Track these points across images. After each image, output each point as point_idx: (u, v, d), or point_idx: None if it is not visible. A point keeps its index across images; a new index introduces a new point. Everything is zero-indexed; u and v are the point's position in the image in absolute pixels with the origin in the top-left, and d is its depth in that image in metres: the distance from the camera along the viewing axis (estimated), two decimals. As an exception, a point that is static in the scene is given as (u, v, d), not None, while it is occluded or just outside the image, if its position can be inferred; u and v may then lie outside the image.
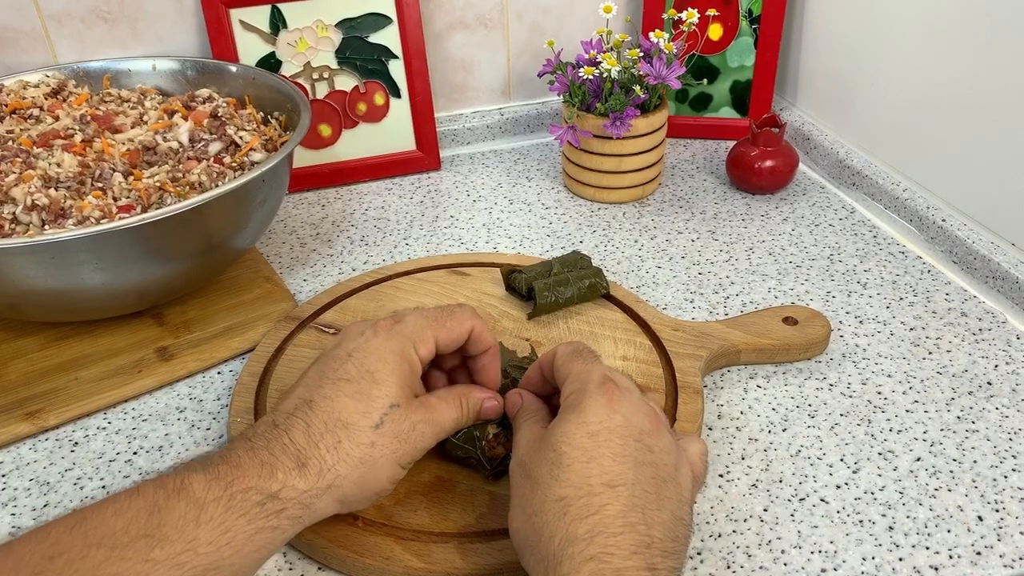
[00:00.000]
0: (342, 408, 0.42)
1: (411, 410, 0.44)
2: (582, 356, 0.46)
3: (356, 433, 0.42)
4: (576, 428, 0.40)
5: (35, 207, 0.57)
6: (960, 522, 0.49)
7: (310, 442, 0.41)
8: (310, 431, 0.41)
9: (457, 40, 0.92)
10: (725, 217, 0.80)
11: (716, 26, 0.90)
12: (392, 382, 0.44)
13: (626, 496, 0.38)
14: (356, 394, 0.43)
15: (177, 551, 0.35)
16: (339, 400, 0.42)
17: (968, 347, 0.63)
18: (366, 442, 0.42)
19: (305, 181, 0.86)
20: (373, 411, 0.42)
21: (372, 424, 0.42)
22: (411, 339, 0.46)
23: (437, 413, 0.45)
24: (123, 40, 0.81)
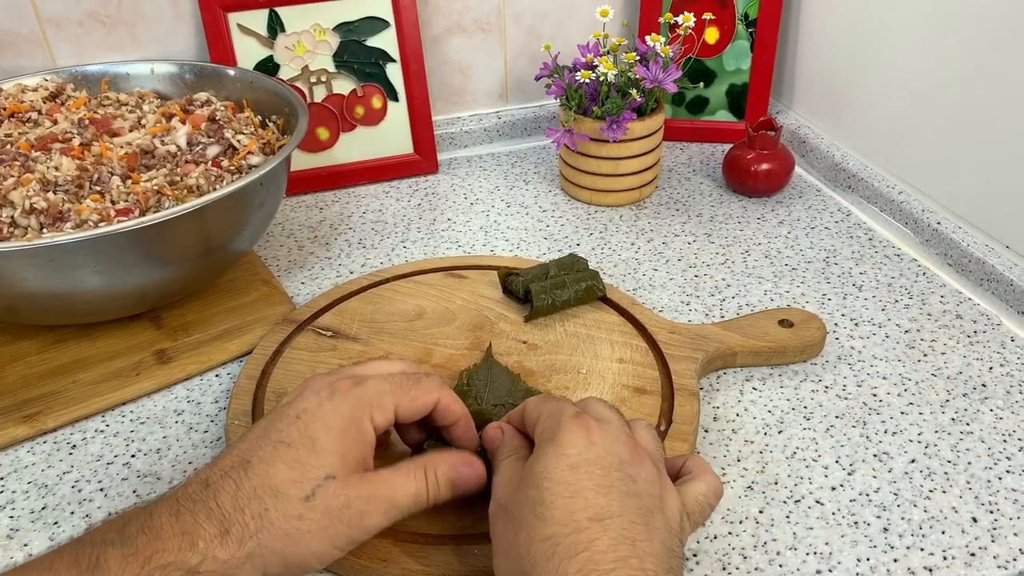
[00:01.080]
0: (275, 474, 0.39)
1: (350, 485, 0.40)
2: (551, 399, 0.45)
3: (284, 503, 0.39)
4: (555, 461, 0.39)
5: (33, 211, 0.57)
6: (954, 523, 0.49)
7: (236, 507, 0.38)
8: (238, 495, 0.39)
9: (455, 44, 0.92)
10: (721, 220, 0.81)
11: (712, 30, 0.90)
12: (333, 452, 0.40)
13: (614, 529, 0.37)
14: (292, 461, 0.40)
15: None
16: (274, 465, 0.40)
17: (963, 349, 0.63)
18: (294, 514, 0.39)
19: (303, 184, 0.87)
20: (305, 481, 0.39)
21: (302, 496, 0.39)
22: (367, 404, 0.43)
23: (386, 488, 0.41)
24: (121, 44, 0.82)
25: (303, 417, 0.41)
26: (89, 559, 0.35)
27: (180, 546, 0.37)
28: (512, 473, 0.42)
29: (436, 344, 0.62)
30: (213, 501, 0.38)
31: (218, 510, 0.38)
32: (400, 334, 0.63)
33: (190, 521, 0.38)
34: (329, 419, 0.41)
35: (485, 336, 0.62)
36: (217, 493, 0.39)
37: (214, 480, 0.39)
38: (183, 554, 0.36)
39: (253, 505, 0.38)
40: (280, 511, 0.39)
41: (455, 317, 0.64)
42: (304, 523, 0.39)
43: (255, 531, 0.38)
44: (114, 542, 0.36)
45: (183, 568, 0.36)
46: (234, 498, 0.39)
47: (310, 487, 0.39)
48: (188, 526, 0.37)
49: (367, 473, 0.42)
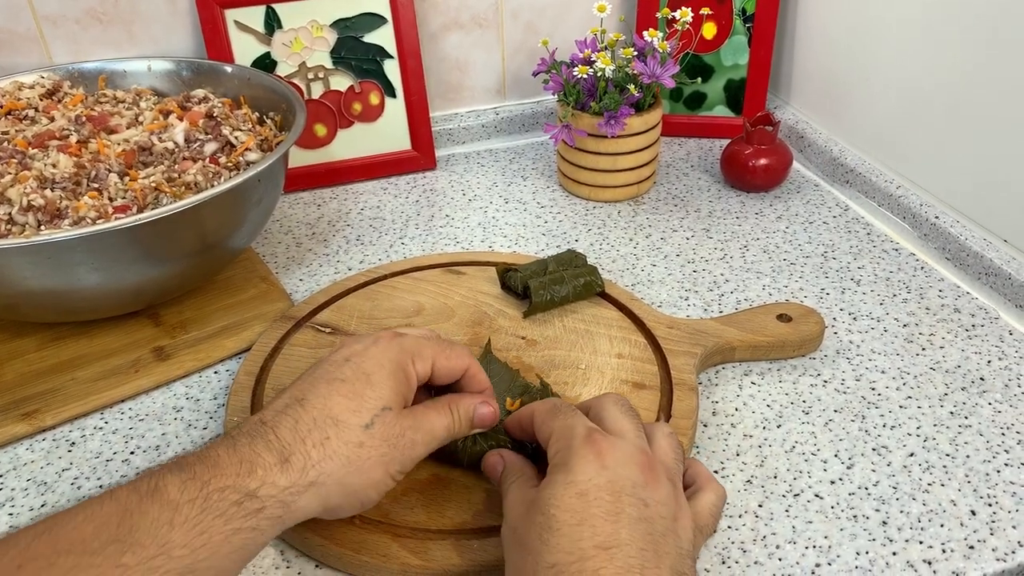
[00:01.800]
0: (334, 405, 0.41)
1: (402, 416, 0.43)
2: (561, 412, 0.44)
3: (345, 431, 0.41)
4: (564, 489, 0.39)
5: (31, 208, 0.57)
6: (953, 516, 0.49)
7: (296, 438, 0.40)
8: (298, 427, 0.40)
9: (452, 40, 0.92)
10: (719, 215, 0.81)
11: (710, 25, 0.90)
12: (387, 386, 0.43)
13: (621, 558, 0.36)
14: (349, 393, 0.42)
15: (149, 555, 0.34)
16: (332, 398, 0.42)
17: (961, 343, 0.63)
18: (355, 441, 0.41)
19: (301, 181, 0.87)
20: (364, 411, 0.42)
21: (363, 423, 0.41)
22: (410, 352, 0.45)
23: (426, 421, 0.44)
24: (118, 41, 0.82)
25: (353, 359, 0.44)
26: (148, 485, 0.37)
27: (238, 472, 0.38)
28: (521, 496, 0.42)
29: (435, 340, 0.62)
30: (272, 434, 0.40)
31: (277, 442, 0.40)
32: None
33: (248, 452, 0.39)
34: (380, 359, 0.44)
35: (484, 332, 0.62)
36: (276, 427, 0.40)
37: (269, 418, 0.41)
38: (241, 479, 0.38)
39: (314, 434, 0.40)
40: (342, 439, 0.40)
41: (454, 313, 0.64)
42: (365, 450, 0.41)
43: (317, 460, 0.40)
44: (173, 469, 0.37)
45: (242, 491, 0.37)
46: (294, 430, 0.40)
47: (369, 416, 0.42)
48: (246, 455, 0.39)
49: (410, 408, 0.44)
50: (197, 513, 0.36)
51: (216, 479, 0.37)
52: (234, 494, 0.37)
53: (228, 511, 0.37)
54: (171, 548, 0.35)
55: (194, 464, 0.38)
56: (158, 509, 0.36)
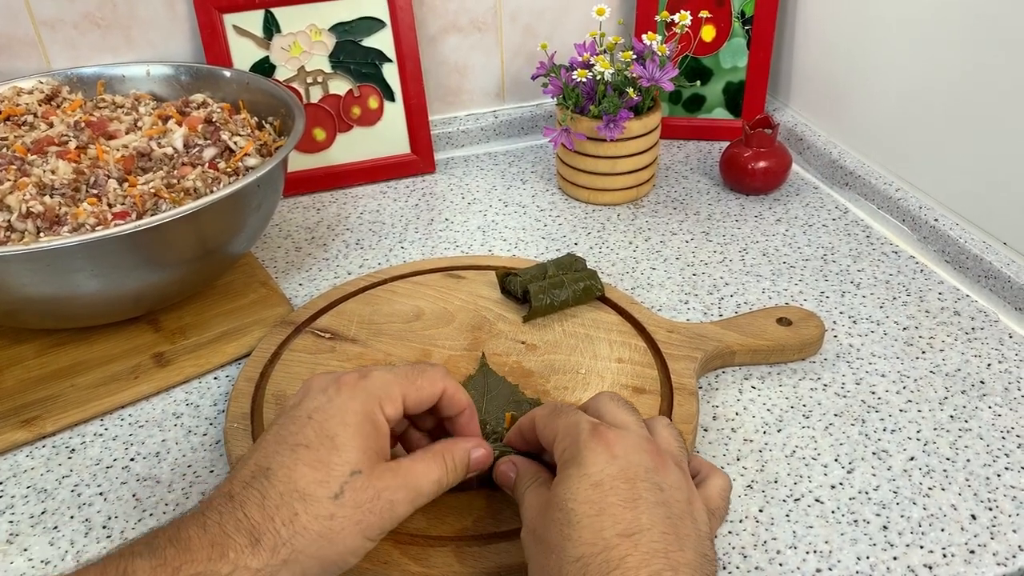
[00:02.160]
0: (299, 477, 0.39)
1: (375, 477, 0.40)
2: (563, 412, 0.44)
3: (314, 505, 0.38)
4: (579, 482, 0.39)
5: (30, 214, 0.57)
6: (954, 521, 0.49)
7: (265, 516, 0.38)
8: (265, 504, 0.38)
9: (451, 43, 0.92)
10: (719, 218, 0.81)
11: (709, 27, 0.90)
12: (353, 447, 0.40)
13: (645, 543, 0.36)
14: (314, 462, 0.39)
15: None
16: (296, 469, 0.39)
17: (961, 346, 0.63)
18: (325, 514, 0.39)
19: (300, 185, 0.87)
20: (332, 480, 0.39)
21: (331, 495, 0.39)
22: (376, 397, 0.42)
23: (411, 477, 0.42)
24: (116, 46, 0.82)
25: (315, 416, 0.41)
26: (116, 570, 0.35)
27: (210, 556, 0.36)
28: (537, 499, 0.42)
29: (435, 345, 0.62)
30: (240, 512, 0.38)
31: (246, 520, 0.38)
32: (398, 335, 0.63)
33: (218, 533, 0.37)
34: (343, 414, 0.41)
35: (484, 336, 0.62)
36: (244, 504, 0.38)
37: (237, 492, 0.39)
38: (213, 564, 0.36)
39: (282, 512, 0.38)
40: (311, 513, 0.38)
41: (453, 318, 0.64)
42: (336, 522, 0.39)
43: (288, 537, 0.38)
44: (142, 553, 0.36)
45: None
46: (261, 507, 0.38)
47: (338, 485, 0.39)
48: (217, 538, 0.37)
49: (390, 463, 0.42)
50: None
51: (187, 565, 0.36)
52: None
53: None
54: None
55: (165, 547, 0.36)
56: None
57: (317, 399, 0.42)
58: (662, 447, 0.43)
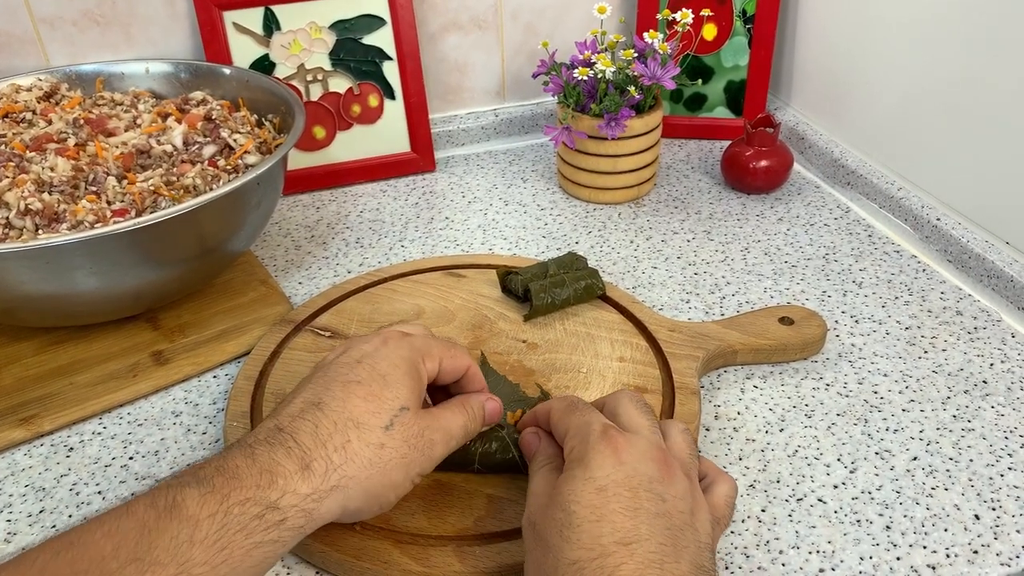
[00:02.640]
0: (353, 408, 0.41)
1: (420, 416, 0.43)
2: (578, 408, 0.45)
3: (366, 432, 0.41)
4: (583, 484, 0.39)
5: (29, 212, 0.57)
6: (957, 521, 0.49)
7: (317, 442, 0.40)
8: (318, 431, 0.40)
9: (451, 41, 0.92)
10: (720, 217, 0.80)
11: (710, 26, 0.90)
12: (404, 385, 0.43)
13: (641, 553, 0.36)
14: (367, 395, 0.42)
15: (169, 574, 0.34)
16: (350, 400, 0.41)
17: (963, 346, 0.63)
18: (376, 443, 0.41)
19: (299, 183, 0.86)
20: (384, 411, 0.42)
21: (383, 424, 0.41)
22: (421, 351, 0.46)
23: (443, 420, 0.45)
24: (116, 43, 0.81)
25: (365, 360, 0.44)
26: (166, 500, 0.36)
27: (258, 484, 0.37)
28: (545, 486, 0.42)
29: (435, 344, 0.61)
30: (292, 440, 0.39)
31: (297, 448, 0.39)
32: (399, 334, 0.62)
33: (267, 460, 0.38)
34: (394, 359, 0.44)
35: (484, 335, 0.62)
36: (295, 433, 0.40)
37: (286, 424, 0.40)
38: (262, 491, 0.37)
39: (336, 438, 0.40)
40: (363, 440, 0.40)
41: (454, 316, 0.64)
42: (386, 451, 0.41)
43: (339, 463, 0.39)
44: (190, 483, 0.37)
45: (263, 504, 0.37)
46: (314, 435, 0.40)
47: (388, 417, 0.42)
48: (266, 465, 0.38)
49: (428, 410, 0.45)
50: (217, 529, 0.36)
51: (236, 492, 0.37)
52: (255, 507, 0.37)
53: (249, 525, 0.36)
54: (191, 566, 0.34)
55: (212, 476, 0.37)
56: (177, 526, 0.35)
57: (364, 348, 0.45)
58: (672, 454, 0.43)
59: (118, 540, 0.34)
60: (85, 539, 0.34)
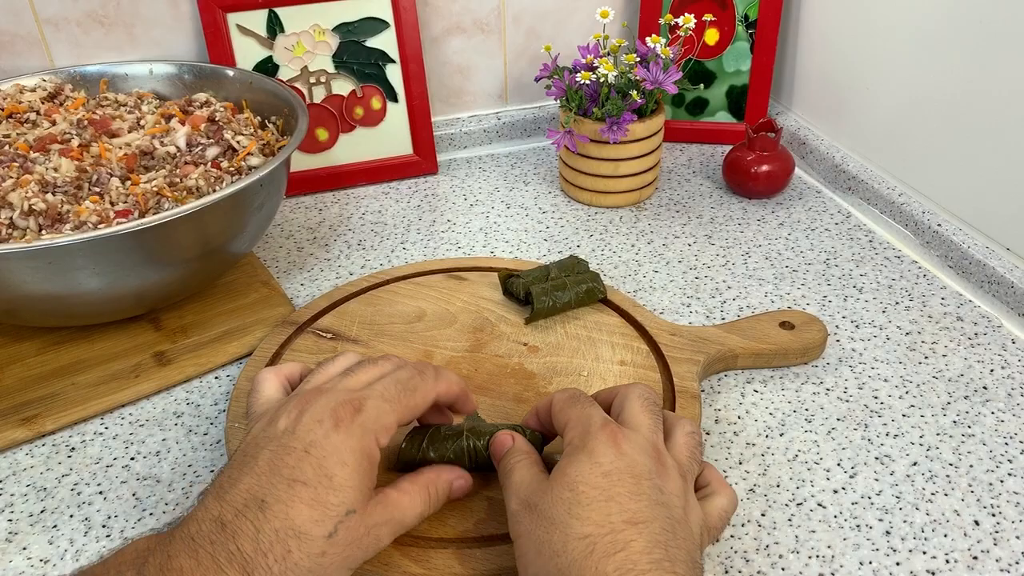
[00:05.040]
0: (296, 515, 0.39)
1: (367, 514, 0.41)
2: (579, 401, 0.46)
3: (308, 543, 0.39)
4: (590, 468, 0.41)
5: (32, 212, 0.57)
6: (957, 527, 0.49)
7: (258, 552, 0.38)
8: (259, 538, 0.38)
9: (454, 44, 0.92)
10: (722, 221, 0.81)
11: (712, 31, 0.90)
12: (350, 487, 0.41)
13: (648, 533, 0.38)
14: (312, 501, 0.40)
15: None
16: (294, 506, 0.39)
17: (964, 351, 0.63)
18: (317, 552, 0.39)
19: (302, 185, 0.86)
20: (327, 519, 0.40)
21: (325, 534, 0.39)
22: (373, 432, 0.43)
23: (398, 510, 0.43)
24: (120, 44, 0.81)
25: (312, 452, 0.41)
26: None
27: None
28: (531, 475, 0.43)
29: (436, 346, 0.61)
30: (233, 544, 0.38)
31: (239, 554, 0.38)
32: (400, 336, 0.62)
33: (211, 566, 0.37)
34: (341, 453, 0.41)
35: (485, 338, 0.62)
36: (236, 535, 0.38)
37: (229, 520, 0.39)
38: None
39: (276, 549, 0.38)
40: (304, 551, 0.39)
41: (455, 319, 0.64)
42: (327, 558, 0.39)
43: (279, 574, 0.38)
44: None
45: None
46: (255, 541, 0.38)
47: (332, 525, 0.40)
48: (209, 571, 0.37)
49: (377, 496, 0.43)
50: None
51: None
52: None
53: None
54: None
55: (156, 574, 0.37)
56: None
57: (314, 432, 0.42)
58: (672, 454, 0.44)
59: None
60: None
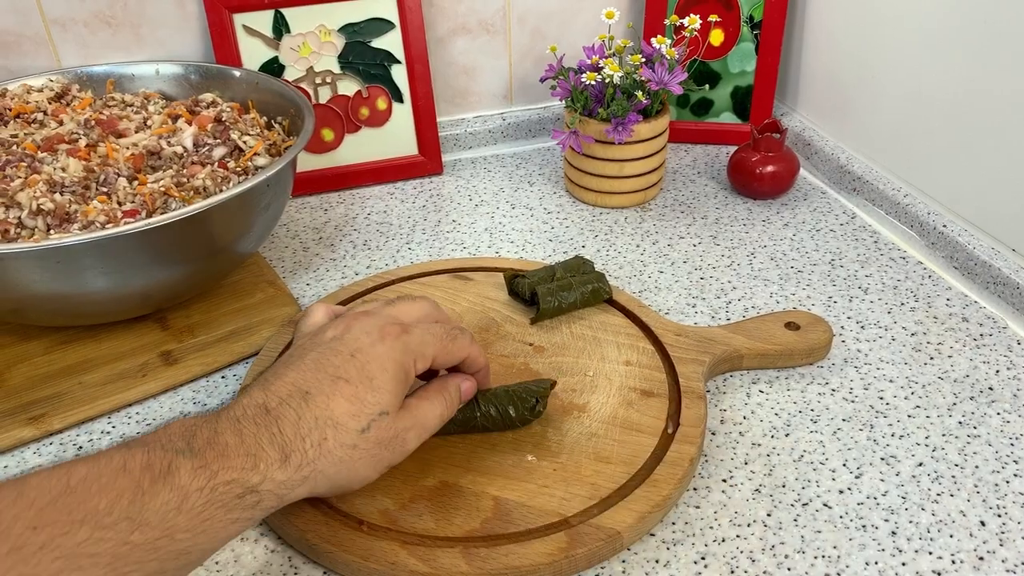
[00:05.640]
0: (335, 407, 0.43)
1: (398, 419, 0.46)
2: None
3: (343, 434, 0.43)
4: None
5: (40, 212, 0.57)
6: (962, 527, 0.49)
7: (297, 435, 0.42)
8: (300, 424, 0.42)
9: (459, 45, 0.92)
10: (727, 222, 0.81)
11: (717, 31, 0.90)
12: (387, 391, 0.45)
13: None
14: (352, 396, 0.44)
15: (155, 536, 0.36)
16: (334, 399, 0.44)
17: (969, 352, 0.63)
18: (349, 443, 0.43)
19: (308, 185, 0.87)
20: (363, 415, 0.44)
21: (359, 428, 0.44)
22: (413, 353, 0.47)
23: (422, 414, 0.47)
24: (127, 45, 0.82)
25: (358, 356, 0.45)
26: (161, 464, 0.38)
27: (244, 466, 0.40)
28: None
29: (442, 346, 0.62)
30: (276, 427, 0.42)
31: (280, 436, 0.42)
32: (406, 336, 0.62)
33: (253, 444, 0.41)
34: (383, 361, 0.45)
35: (491, 338, 0.62)
36: (279, 420, 0.42)
37: (273, 406, 0.43)
38: (246, 474, 0.40)
39: (314, 435, 0.42)
40: (338, 440, 0.43)
41: (461, 319, 0.64)
42: (357, 452, 0.44)
43: (313, 458, 0.42)
44: (184, 452, 0.39)
45: (245, 486, 0.40)
46: (296, 426, 0.42)
47: (367, 421, 0.44)
48: (252, 448, 0.41)
49: (406, 403, 0.47)
50: (203, 503, 0.38)
51: (223, 471, 0.39)
52: (238, 488, 0.40)
53: (230, 503, 0.39)
54: (175, 531, 0.37)
55: (204, 449, 0.40)
56: (168, 493, 0.37)
57: (361, 340, 0.46)
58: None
59: (113, 497, 0.36)
60: (81, 490, 0.36)
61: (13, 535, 0.33)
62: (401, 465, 0.51)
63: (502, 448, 0.53)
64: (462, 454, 0.52)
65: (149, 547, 0.36)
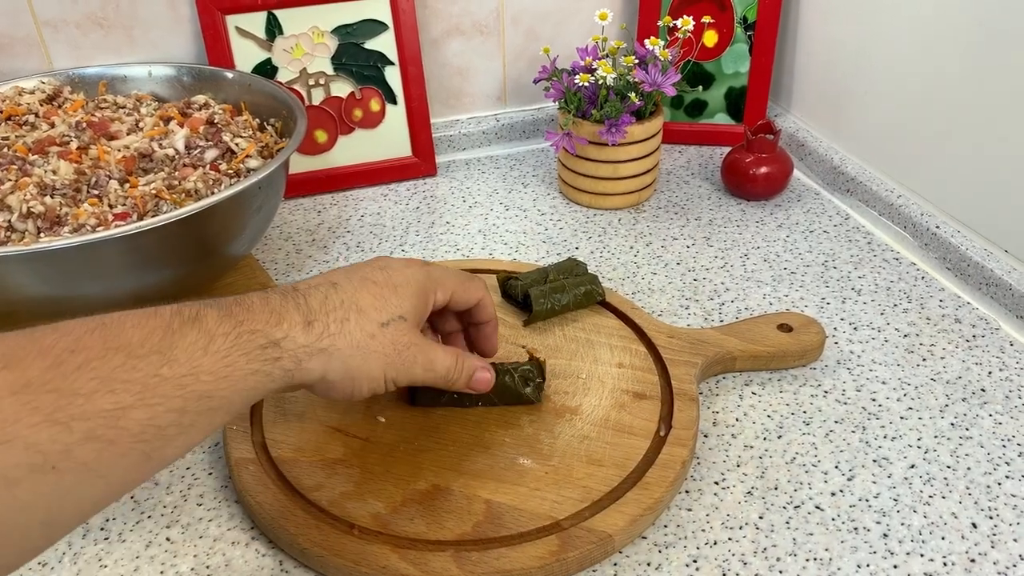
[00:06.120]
0: (361, 298, 0.46)
1: (414, 333, 0.48)
2: None
3: (365, 320, 0.45)
4: None
5: (31, 215, 0.57)
6: (954, 529, 0.49)
7: (323, 309, 0.44)
8: (326, 301, 0.45)
9: (453, 46, 0.92)
10: (720, 223, 0.81)
11: (711, 33, 0.90)
12: (409, 300, 0.47)
13: None
14: (377, 294, 0.47)
15: (182, 372, 0.37)
16: (361, 292, 0.46)
17: (962, 354, 0.63)
18: (369, 331, 0.45)
19: (301, 187, 0.86)
20: (385, 311, 0.46)
21: (381, 320, 0.46)
22: (435, 281, 0.50)
23: (432, 352, 0.48)
24: (119, 46, 0.81)
25: (387, 269, 0.48)
26: (190, 311, 0.39)
27: (268, 321, 0.42)
28: None
29: (435, 348, 0.61)
30: (302, 299, 0.44)
31: (305, 306, 0.44)
32: (399, 338, 0.62)
33: (279, 306, 0.43)
34: (408, 277, 0.48)
35: (484, 340, 0.62)
36: (307, 295, 0.45)
37: (302, 288, 0.45)
38: (269, 327, 0.42)
39: (338, 312, 0.45)
40: (359, 324, 0.45)
41: (454, 321, 0.64)
42: (375, 342, 0.45)
43: (334, 332, 0.44)
44: (211, 305, 0.41)
45: (268, 338, 0.41)
46: (323, 303, 0.45)
47: (388, 316, 0.46)
48: (277, 308, 0.43)
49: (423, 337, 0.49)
50: (228, 346, 0.39)
51: (248, 322, 0.41)
52: (261, 338, 0.41)
53: (252, 352, 0.40)
54: (200, 371, 0.38)
55: (231, 305, 0.42)
56: (196, 334, 0.39)
57: (391, 261, 0.50)
58: None
59: (146, 332, 0.37)
60: (116, 324, 0.37)
61: (53, 354, 0.34)
62: (392, 468, 0.51)
63: (494, 451, 0.53)
64: (453, 457, 0.52)
65: (176, 383, 0.37)
